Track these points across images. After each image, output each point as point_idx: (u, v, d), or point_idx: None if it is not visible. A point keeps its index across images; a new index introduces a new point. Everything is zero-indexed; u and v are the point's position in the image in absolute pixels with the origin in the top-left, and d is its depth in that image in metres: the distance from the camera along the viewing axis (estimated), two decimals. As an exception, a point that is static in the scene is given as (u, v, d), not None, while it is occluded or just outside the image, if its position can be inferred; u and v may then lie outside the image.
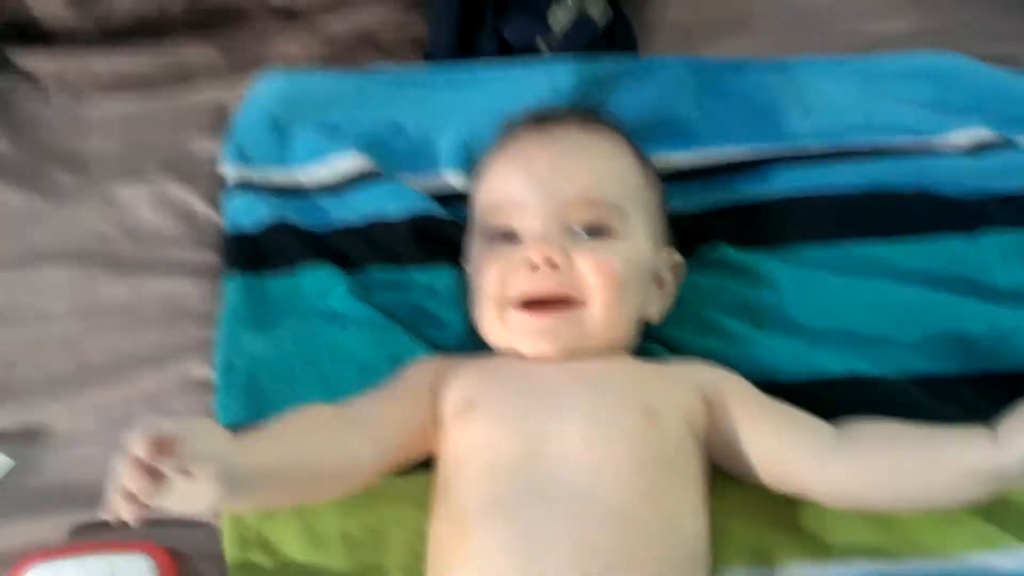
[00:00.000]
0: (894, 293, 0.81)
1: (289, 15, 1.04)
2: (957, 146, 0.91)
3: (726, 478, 0.71)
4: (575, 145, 0.77)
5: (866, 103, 0.94)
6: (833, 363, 0.77)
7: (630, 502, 0.63)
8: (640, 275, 0.74)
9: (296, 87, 0.95)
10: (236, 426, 0.76)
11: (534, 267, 0.71)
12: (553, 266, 0.71)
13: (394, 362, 0.78)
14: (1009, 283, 0.82)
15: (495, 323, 0.74)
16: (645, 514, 0.63)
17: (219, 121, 0.96)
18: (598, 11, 0.95)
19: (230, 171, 0.91)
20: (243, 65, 1.01)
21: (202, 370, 0.82)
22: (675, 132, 0.91)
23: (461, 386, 0.72)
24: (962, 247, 0.84)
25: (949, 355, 0.78)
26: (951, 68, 0.96)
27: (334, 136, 0.92)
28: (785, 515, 0.72)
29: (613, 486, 0.64)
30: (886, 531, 0.71)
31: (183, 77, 1.00)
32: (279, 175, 0.92)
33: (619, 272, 0.71)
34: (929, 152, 0.90)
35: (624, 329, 0.74)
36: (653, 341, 0.80)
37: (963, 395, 0.76)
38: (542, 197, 0.73)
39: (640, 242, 0.75)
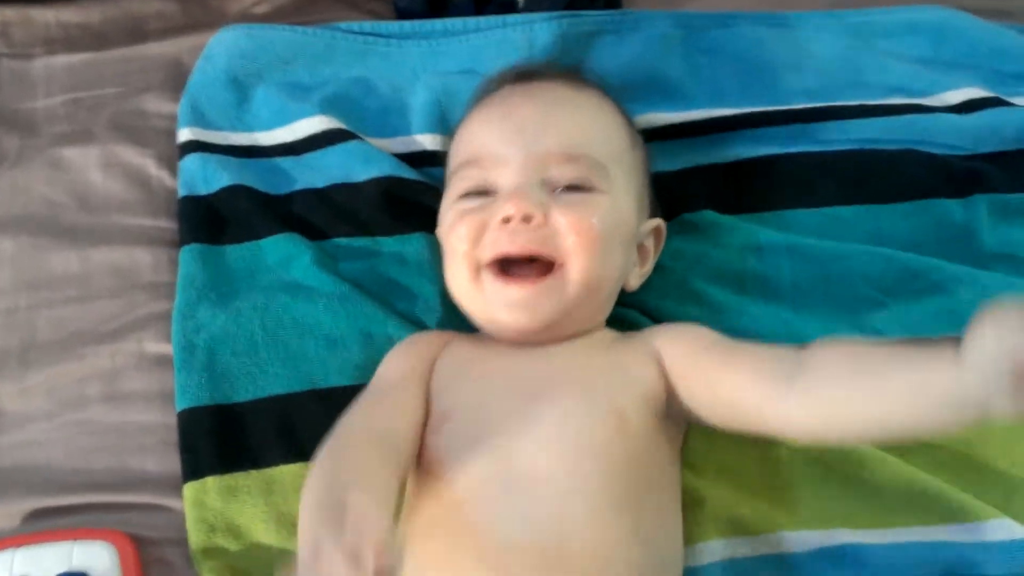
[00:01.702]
0: (881, 258, 0.79)
1: (248, -36, 0.98)
2: (948, 104, 0.88)
3: (699, 443, 0.69)
4: (560, 100, 0.73)
5: (858, 60, 0.91)
6: (816, 331, 0.74)
7: (602, 526, 0.60)
8: (620, 235, 0.70)
9: (257, 43, 0.89)
10: (197, 408, 0.73)
11: (508, 221, 0.67)
12: (529, 221, 0.67)
13: (364, 336, 0.75)
14: (996, 244, 0.81)
15: (470, 289, 0.70)
16: (618, 534, 0.60)
17: (174, 79, 0.90)
18: (578, -39, 0.90)
19: (186, 133, 0.85)
20: (199, 19, 0.95)
21: (158, 346, 0.77)
22: (661, 92, 0.88)
23: (438, 390, 0.68)
24: (952, 210, 0.82)
25: (934, 320, 0.76)
26: (944, 23, 0.93)
27: (300, 96, 0.87)
28: (761, 480, 0.70)
29: (583, 511, 0.60)
30: (862, 500, 0.69)
31: (135, 32, 0.93)
32: (239, 138, 0.87)
33: (597, 230, 0.67)
34: (917, 110, 0.87)
35: (604, 293, 0.71)
36: (633, 309, 0.77)
37: None
38: (522, 150, 0.69)
39: (621, 202, 0.71)
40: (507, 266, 0.68)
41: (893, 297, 0.77)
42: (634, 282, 0.74)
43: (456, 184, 0.72)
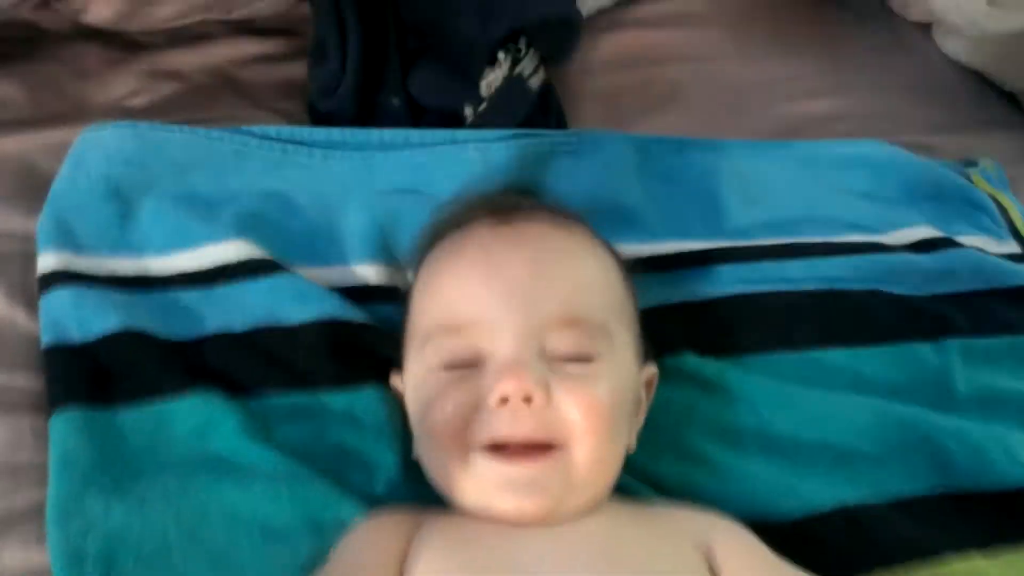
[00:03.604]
0: (872, 411, 0.75)
1: (119, 44, 0.79)
2: (905, 244, 0.87)
3: None
4: (553, 251, 0.63)
5: (806, 191, 0.88)
6: (821, 494, 0.69)
7: None
8: (627, 401, 0.62)
9: (146, 145, 0.72)
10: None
11: (505, 401, 0.56)
12: (529, 402, 0.56)
13: (311, 526, 0.60)
14: (968, 389, 0.79)
15: (455, 472, 0.57)
16: None
17: (27, 188, 0.71)
18: (534, 75, 0.80)
19: (50, 259, 0.67)
20: (54, 110, 0.77)
21: (28, 555, 0.57)
22: (623, 219, 0.80)
23: None
24: (925, 355, 0.80)
25: (927, 474, 0.73)
26: (883, 159, 0.93)
27: (204, 215, 0.70)
28: None
29: None
30: None
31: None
32: (123, 265, 0.69)
33: (606, 406, 0.58)
34: (878, 249, 0.86)
35: (613, 472, 0.61)
36: (625, 472, 0.65)
37: (945, 519, 0.71)
38: (517, 317, 0.58)
39: (624, 363, 0.62)
40: (502, 449, 0.57)
41: (888, 451, 0.73)
42: (633, 441, 0.65)
43: (432, 351, 0.60)
